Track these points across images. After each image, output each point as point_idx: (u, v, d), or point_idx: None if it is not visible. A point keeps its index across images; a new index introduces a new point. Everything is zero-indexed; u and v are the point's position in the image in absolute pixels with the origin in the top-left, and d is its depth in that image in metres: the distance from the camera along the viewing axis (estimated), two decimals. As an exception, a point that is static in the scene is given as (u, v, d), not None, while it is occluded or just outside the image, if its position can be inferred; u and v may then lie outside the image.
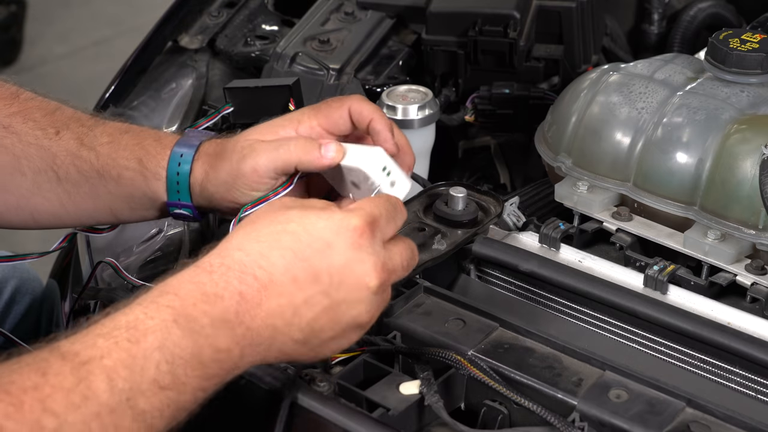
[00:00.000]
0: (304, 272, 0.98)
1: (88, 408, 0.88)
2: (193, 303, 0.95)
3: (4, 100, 1.27)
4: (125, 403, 0.90)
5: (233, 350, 0.96)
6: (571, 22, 1.70)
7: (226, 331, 0.96)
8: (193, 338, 0.94)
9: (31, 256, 1.47)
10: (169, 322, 0.94)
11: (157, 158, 1.23)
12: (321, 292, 0.99)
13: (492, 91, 1.66)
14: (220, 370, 0.96)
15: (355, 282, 1.00)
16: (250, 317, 0.97)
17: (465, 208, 1.33)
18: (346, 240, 1.00)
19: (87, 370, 0.89)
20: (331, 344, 1.02)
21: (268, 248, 0.99)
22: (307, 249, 0.99)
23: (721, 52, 1.37)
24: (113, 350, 0.91)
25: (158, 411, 0.92)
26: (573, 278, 1.28)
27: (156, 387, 0.91)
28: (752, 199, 1.27)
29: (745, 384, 1.18)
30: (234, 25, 1.80)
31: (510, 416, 1.12)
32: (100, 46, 4.24)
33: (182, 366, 0.93)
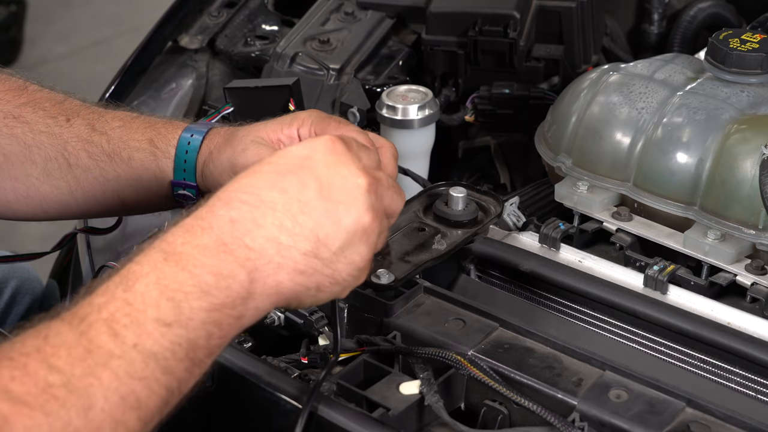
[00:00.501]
0: (290, 183, 0.97)
1: (94, 359, 0.86)
2: (181, 242, 0.93)
3: (13, 92, 1.29)
4: (132, 349, 0.87)
5: (238, 274, 0.93)
6: (571, 22, 1.70)
7: (223, 255, 0.93)
8: (188, 270, 0.92)
9: (31, 257, 1.48)
10: (159, 262, 0.92)
11: (168, 137, 1.24)
12: (314, 197, 0.97)
13: (492, 91, 1.66)
14: (227, 298, 0.93)
15: (343, 182, 0.98)
16: (249, 237, 0.94)
17: (465, 208, 1.33)
18: (323, 151, 0.99)
19: (87, 324, 0.88)
20: (343, 257, 0.98)
21: (248, 178, 0.97)
22: (288, 165, 0.98)
23: (721, 52, 1.37)
24: (109, 302, 0.89)
25: (169, 351, 0.89)
26: (573, 278, 1.28)
27: (161, 326, 0.89)
28: (752, 199, 1.27)
29: (745, 384, 1.18)
30: (234, 25, 1.80)
31: (510, 416, 1.12)
32: (100, 46, 4.23)
33: (184, 299, 0.91)
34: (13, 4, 4.09)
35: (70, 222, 1.58)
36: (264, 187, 0.96)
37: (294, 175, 0.97)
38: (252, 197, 0.96)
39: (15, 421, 0.81)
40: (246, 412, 1.15)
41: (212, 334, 0.92)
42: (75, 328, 0.87)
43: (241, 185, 0.97)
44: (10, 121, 1.27)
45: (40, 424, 0.82)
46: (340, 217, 0.97)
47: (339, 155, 0.99)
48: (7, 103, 1.28)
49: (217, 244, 0.93)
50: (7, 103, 1.28)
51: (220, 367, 1.15)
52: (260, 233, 0.94)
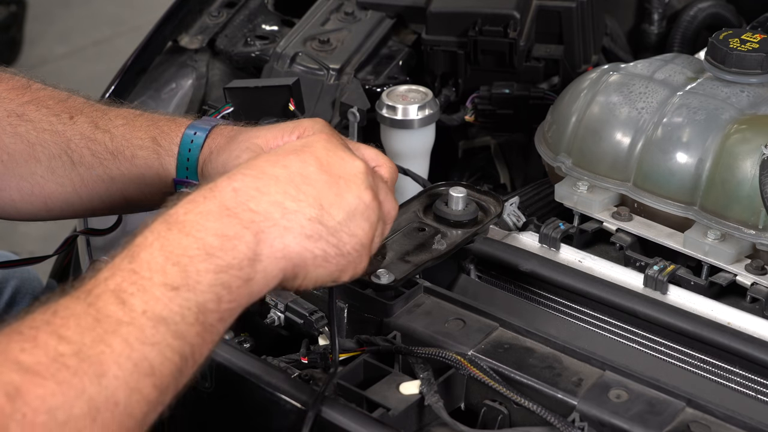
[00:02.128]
0: (292, 161, 1.00)
1: (103, 327, 0.86)
2: (184, 211, 0.95)
3: (16, 90, 1.29)
4: (141, 315, 0.88)
5: (243, 235, 0.94)
6: (571, 22, 1.70)
7: (227, 219, 0.94)
8: (192, 235, 0.92)
9: (34, 261, 1.48)
10: (163, 231, 0.93)
11: (171, 135, 1.24)
12: (315, 171, 1.00)
13: (492, 91, 1.66)
14: (234, 259, 0.93)
15: (342, 162, 1.01)
16: (254, 202, 0.96)
17: (465, 208, 1.33)
18: (322, 140, 1.03)
19: (94, 296, 0.88)
20: (346, 228, 1.00)
21: (249, 162, 1.00)
22: (287, 149, 1.02)
23: (721, 52, 1.37)
24: (116, 273, 0.90)
25: (179, 315, 0.89)
26: (573, 278, 1.28)
27: (169, 290, 0.89)
28: (752, 199, 1.27)
29: (745, 384, 1.18)
30: (234, 25, 1.80)
31: (510, 416, 1.12)
32: (100, 46, 4.23)
33: (190, 263, 0.91)
34: (13, 4, 4.09)
35: (70, 222, 1.58)
36: (266, 164, 0.99)
37: (295, 155, 1.00)
38: (255, 171, 0.98)
39: (27, 390, 0.81)
40: (246, 412, 1.15)
41: (222, 297, 0.92)
42: (83, 301, 0.88)
43: (243, 165, 1.00)
44: (13, 119, 1.27)
45: (53, 393, 0.82)
46: (341, 190, 1.00)
47: (336, 144, 1.03)
48: (10, 101, 1.28)
49: (220, 209, 0.95)
50: (11, 102, 1.28)
51: (220, 367, 1.15)
52: (264, 199, 0.96)
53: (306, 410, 1.07)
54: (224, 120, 1.28)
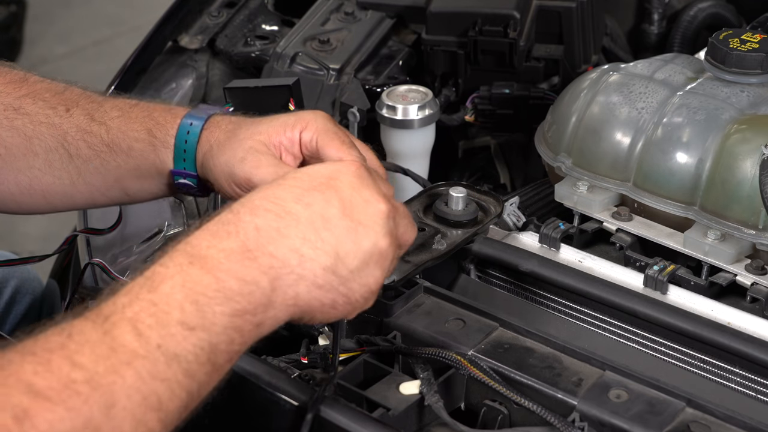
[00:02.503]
0: (315, 199, 0.98)
1: (118, 358, 0.86)
2: (206, 245, 0.94)
3: (13, 84, 1.28)
4: (156, 349, 0.88)
5: (261, 281, 0.94)
6: (571, 22, 1.70)
7: (247, 262, 0.94)
8: (212, 274, 0.92)
9: (33, 260, 1.48)
10: (185, 264, 0.92)
11: (166, 127, 1.23)
12: (337, 215, 0.98)
13: (492, 91, 1.66)
14: (249, 305, 0.93)
15: (365, 205, 1.00)
16: (273, 246, 0.95)
17: (465, 208, 1.33)
18: (348, 174, 1.01)
19: (111, 323, 0.88)
20: (358, 277, 0.99)
21: (273, 189, 0.99)
22: (313, 182, 1.00)
23: (721, 52, 1.37)
24: (134, 302, 0.90)
25: (192, 354, 0.89)
26: (573, 278, 1.28)
27: (185, 329, 0.89)
28: (752, 199, 1.27)
29: (745, 384, 1.18)
30: (234, 25, 1.80)
31: (510, 416, 1.12)
32: (100, 46, 4.23)
33: (207, 304, 0.91)
34: (13, 4, 4.09)
35: (70, 221, 1.58)
36: (289, 200, 0.98)
37: (319, 192, 0.99)
38: (277, 207, 0.97)
39: (36, 414, 0.81)
40: (246, 412, 1.15)
41: (233, 340, 0.93)
42: (99, 327, 0.88)
43: (266, 195, 0.98)
44: (10, 113, 1.26)
45: (62, 419, 0.82)
46: (360, 237, 0.99)
47: (362, 179, 1.01)
48: (7, 95, 1.27)
49: (242, 249, 0.94)
50: (8, 95, 1.27)
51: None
52: (284, 243, 0.96)
53: (306, 410, 1.07)
54: (218, 106, 1.27)
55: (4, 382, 0.82)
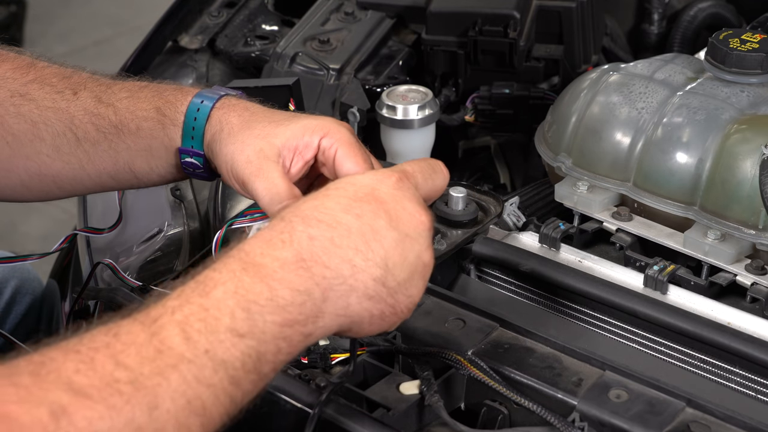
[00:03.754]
0: (364, 210, 0.98)
1: (164, 360, 0.86)
2: (261, 252, 0.94)
3: (20, 70, 1.27)
4: (204, 354, 0.87)
5: (313, 291, 0.94)
6: (571, 22, 1.70)
7: (301, 272, 0.93)
8: (266, 282, 0.92)
9: (32, 258, 1.47)
10: (238, 271, 0.92)
11: (176, 105, 1.22)
12: (385, 226, 0.98)
13: (492, 91, 1.67)
14: (300, 315, 0.93)
15: (409, 216, 1.00)
16: (327, 256, 0.95)
17: (465, 208, 1.32)
18: (388, 184, 1.01)
19: (159, 326, 0.87)
20: (405, 289, 0.99)
21: (321, 200, 0.99)
22: (358, 193, 0.99)
23: (721, 52, 1.37)
24: (184, 305, 0.89)
25: (239, 361, 0.89)
26: (573, 278, 1.28)
27: (234, 336, 0.89)
28: (752, 199, 1.27)
29: (745, 384, 1.18)
30: (234, 25, 1.80)
31: (510, 416, 1.12)
32: (100, 46, 4.24)
33: (259, 312, 0.91)
34: (13, 4, 4.09)
35: (70, 221, 1.58)
36: (339, 210, 0.98)
37: (366, 203, 0.99)
38: (328, 218, 0.97)
39: (74, 411, 0.80)
40: (246, 412, 1.15)
41: (281, 349, 0.92)
42: (147, 328, 0.87)
43: (315, 206, 0.98)
44: (16, 99, 1.25)
45: (101, 417, 0.81)
46: (406, 249, 0.99)
47: (403, 191, 1.01)
48: (14, 81, 1.26)
49: (296, 259, 0.94)
50: (14, 81, 1.26)
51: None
52: (337, 253, 0.95)
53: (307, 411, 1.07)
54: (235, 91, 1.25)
55: (44, 378, 0.82)
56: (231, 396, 0.89)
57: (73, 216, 1.57)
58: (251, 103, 1.21)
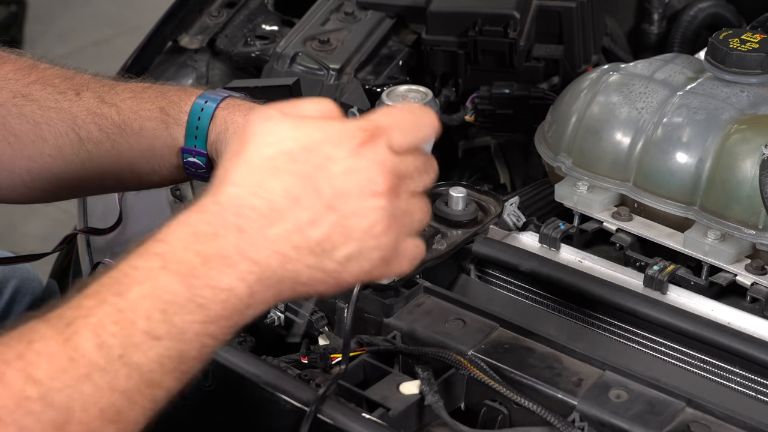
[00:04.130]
0: (304, 190, 0.90)
1: (76, 370, 0.83)
2: (184, 246, 0.89)
3: (22, 71, 1.27)
4: (117, 360, 0.85)
5: (238, 288, 0.89)
6: (571, 22, 1.70)
7: (225, 268, 0.88)
8: (185, 281, 0.88)
9: (32, 258, 1.47)
10: (156, 269, 0.88)
11: (179, 104, 1.21)
12: (326, 206, 0.90)
13: (492, 91, 1.66)
14: (224, 311, 0.89)
15: (359, 189, 0.91)
16: (254, 249, 0.89)
17: (465, 208, 1.33)
18: (346, 149, 0.91)
19: (72, 331, 0.85)
20: (349, 266, 0.92)
21: (263, 176, 0.91)
22: (305, 165, 0.91)
23: (721, 52, 1.37)
24: (99, 306, 0.86)
25: (156, 363, 0.86)
26: (573, 278, 1.28)
27: (150, 339, 0.86)
28: (752, 199, 1.27)
29: (745, 384, 1.18)
30: (234, 25, 1.80)
31: (510, 416, 1.12)
32: (100, 46, 4.23)
33: (177, 312, 0.87)
34: (13, 4, 4.09)
35: (70, 221, 1.58)
36: (277, 192, 0.90)
37: (309, 180, 0.91)
38: (264, 204, 0.90)
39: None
40: (246, 412, 1.15)
41: (205, 345, 0.89)
42: (60, 334, 0.85)
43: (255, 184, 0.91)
44: (19, 100, 1.25)
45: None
46: (350, 228, 0.91)
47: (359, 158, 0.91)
48: (16, 82, 1.26)
49: (221, 255, 0.89)
50: (16, 83, 1.26)
51: (220, 367, 1.15)
52: (266, 246, 0.90)
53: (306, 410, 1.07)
54: (239, 94, 1.24)
55: None
56: (149, 397, 0.87)
57: (73, 216, 1.57)
58: (256, 104, 1.21)
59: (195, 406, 1.19)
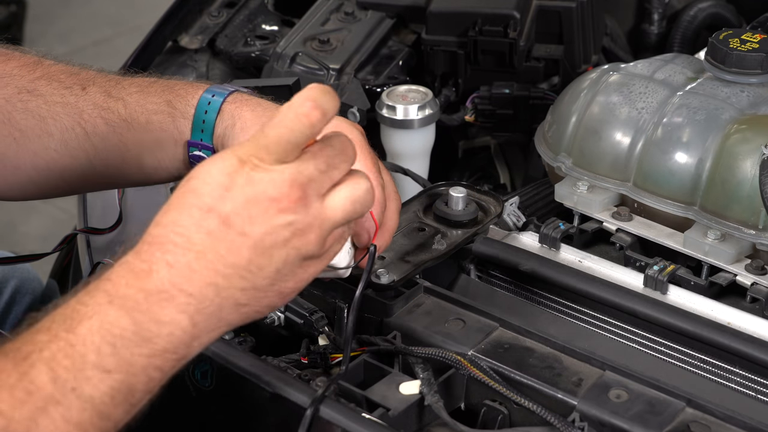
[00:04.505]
0: (214, 223, 0.94)
1: (34, 403, 0.87)
2: (126, 283, 0.93)
3: (27, 67, 1.27)
4: (71, 393, 0.89)
5: (180, 320, 0.93)
6: (571, 22, 1.70)
7: (164, 303, 0.93)
8: (131, 316, 0.92)
9: (32, 258, 1.47)
10: (104, 304, 0.92)
11: (186, 98, 1.22)
12: (238, 234, 0.94)
13: (492, 91, 1.66)
14: (169, 344, 0.93)
15: (264, 212, 0.94)
16: (188, 283, 0.93)
17: (465, 208, 1.33)
18: (240, 176, 0.94)
19: (29, 364, 0.89)
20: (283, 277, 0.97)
21: (177, 213, 0.95)
22: (208, 199, 0.94)
23: (721, 52, 1.37)
24: (52, 342, 0.90)
25: (108, 396, 0.90)
26: (573, 278, 1.28)
27: (101, 372, 0.90)
28: (752, 199, 1.27)
29: (745, 384, 1.18)
30: (234, 25, 1.80)
31: (510, 416, 1.12)
32: (100, 46, 4.24)
33: (125, 346, 0.91)
34: (13, 4, 4.09)
35: (70, 221, 1.58)
36: (191, 227, 0.94)
37: (215, 214, 0.94)
38: (183, 240, 0.94)
39: None
40: (246, 412, 1.15)
41: (153, 378, 0.93)
42: (17, 367, 0.89)
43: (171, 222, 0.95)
44: (24, 95, 1.25)
45: None
46: (269, 247, 0.95)
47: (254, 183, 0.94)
48: (21, 78, 1.26)
49: (158, 290, 0.93)
50: (21, 78, 1.26)
51: (220, 367, 1.15)
52: (197, 278, 0.94)
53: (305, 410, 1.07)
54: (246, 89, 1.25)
55: None
56: (101, 429, 0.91)
57: (73, 216, 1.57)
58: (263, 100, 1.22)
59: (195, 406, 1.19)
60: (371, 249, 1.11)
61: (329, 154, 0.97)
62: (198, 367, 1.16)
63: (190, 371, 1.17)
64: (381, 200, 1.14)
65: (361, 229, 1.13)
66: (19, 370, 0.88)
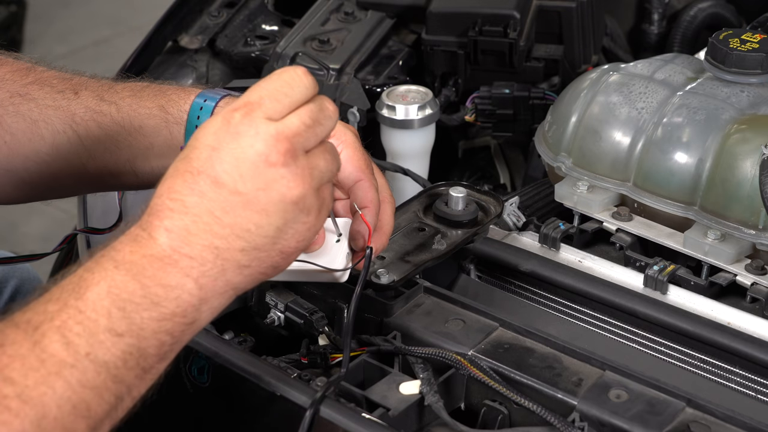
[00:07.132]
0: (205, 184, 0.95)
1: (47, 369, 0.88)
2: (130, 250, 0.94)
3: (19, 72, 1.28)
4: (85, 357, 0.89)
5: (185, 283, 0.94)
6: (571, 22, 1.70)
7: (169, 267, 0.94)
8: (138, 280, 0.93)
9: (32, 258, 1.47)
10: (111, 269, 0.93)
11: (179, 103, 1.23)
12: (231, 192, 0.95)
13: (492, 91, 1.66)
14: (178, 308, 0.94)
15: (254, 168, 0.95)
16: (188, 247, 0.95)
17: (465, 208, 1.33)
18: (226, 135, 0.96)
19: (40, 333, 0.89)
20: (284, 234, 0.97)
21: (171, 180, 0.97)
22: (197, 161, 0.96)
23: (721, 52, 1.37)
24: (62, 310, 0.91)
25: (120, 360, 0.91)
26: (573, 278, 1.28)
27: (113, 335, 0.91)
28: (752, 199, 1.27)
29: (745, 384, 1.18)
30: (234, 25, 1.80)
31: (510, 416, 1.12)
32: (100, 46, 4.24)
33: (134, 309, 0.92)
34: (13, 4, 4.09)
35: (70, 221, 1.58)
36: (185, 192, 0.96)
37: (206, 175, 0.96)
38: (178, 204, 0.96)
39: None
40: (246, 412, 1.15)
41: (164, 342, 0.94)
42: (29, 337, 0.89)
43: (167, 189, 0.97)
44: (16, 99, 1.26)
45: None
46: (265, 204, 0.96)
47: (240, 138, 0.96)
48: (13, 83, 1.27)
49: (161, 255, 0.94)
50: (14, 83, 1.27)
51: (220, 367, 1.15)
52: (195, 241, 0.95)
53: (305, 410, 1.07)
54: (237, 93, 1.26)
55: None
56: (116, 394, 0.91)
57: (73, 216, 1.57)
58: None
59: (195, 406, 1.19)
60: (367, 251, 1.12)
61: (312, 109, 0.99)
62: (195, 363, 1.16)
63: (186, 367, 1.17)
64: (375, 202, 1.14)
65: (356, 233, 1.13)
66: (30, 339, 0.89)
